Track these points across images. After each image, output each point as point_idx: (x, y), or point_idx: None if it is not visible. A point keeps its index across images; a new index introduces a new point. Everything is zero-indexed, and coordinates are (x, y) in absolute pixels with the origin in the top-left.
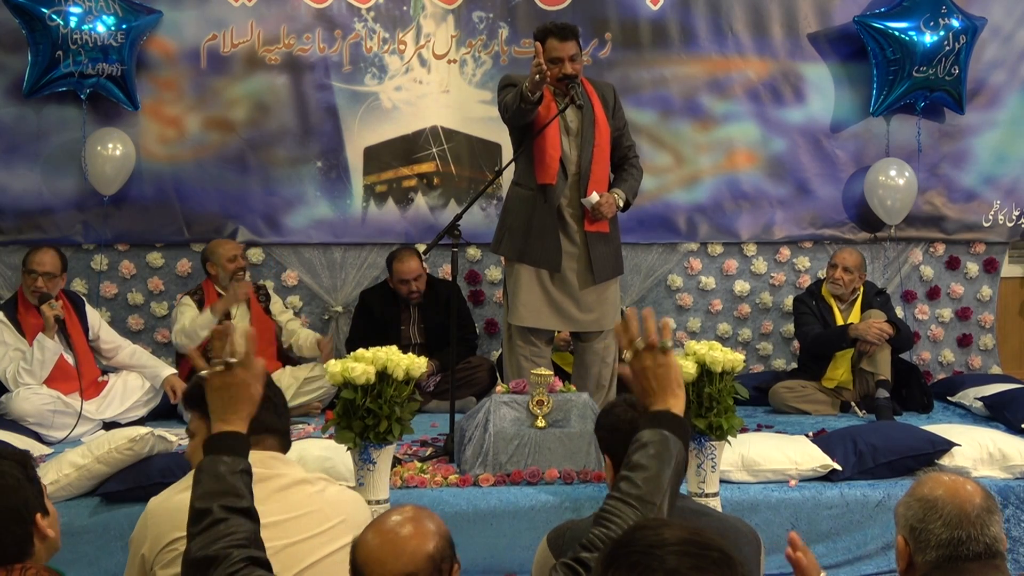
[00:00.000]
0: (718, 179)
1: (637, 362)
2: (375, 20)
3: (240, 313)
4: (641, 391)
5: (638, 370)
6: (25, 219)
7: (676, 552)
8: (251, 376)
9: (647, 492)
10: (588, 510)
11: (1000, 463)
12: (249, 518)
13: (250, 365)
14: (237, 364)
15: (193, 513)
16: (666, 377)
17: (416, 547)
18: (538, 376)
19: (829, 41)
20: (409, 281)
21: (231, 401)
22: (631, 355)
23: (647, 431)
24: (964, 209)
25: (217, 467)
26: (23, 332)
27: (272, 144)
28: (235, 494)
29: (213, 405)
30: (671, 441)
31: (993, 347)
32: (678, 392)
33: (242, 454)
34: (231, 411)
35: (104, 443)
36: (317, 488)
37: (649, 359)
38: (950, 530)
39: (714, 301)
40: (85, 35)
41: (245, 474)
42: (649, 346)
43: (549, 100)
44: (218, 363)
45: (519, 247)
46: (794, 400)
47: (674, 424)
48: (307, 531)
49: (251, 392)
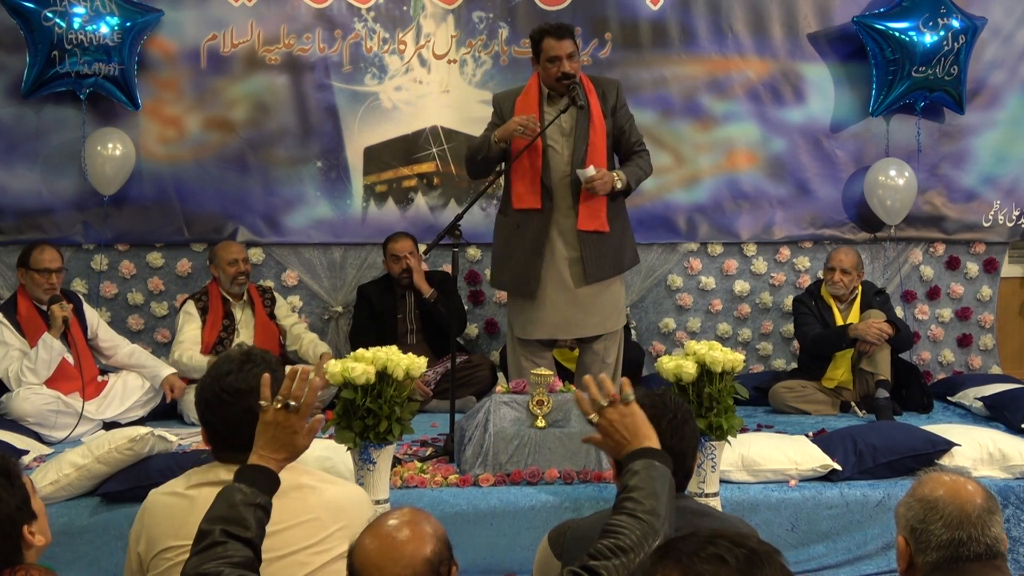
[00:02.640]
0: (718, 179)
1: (604, 420)
2: (375, 20)
3: (244, 317)
4: (615, 445)
5: (606, 426)
6: (25, 219)
7: (725, 545)
8: (302, 426)
9: (650, 507)
10: (588, 510)
11: (1000, 463)
12: (250, 548)
13: (305, 415)
14: (295, 409)
15: (198, 533)
16: (634, 424)
17: (414, 551)
18: (538, 376)
19: (829, 41)
20: (401, 258)
21: (274, 440)
22: (597, 417)
23: (634, 463)
24: (964, 209)
25: (234, 495)
26: (23, 332)
27: (272, 144)
28: (241, 524)
29: (258, 436)
30: (658, 465)
31: (993, 347)
32: (649, 434)
33: (264, 490)
34: (271, 449)
35: (104, 443)
36: (317, 492)
37: (614, 413)
38: (951, 531)
39: (714, 301)
40: (81, 35)
41: (259, 509)
42: (611, 402)
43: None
44: (280, 402)
45: (499, 276)
46: (794, 400)
47: (655, 454)
48: (302, 541)
49: (296, 441)
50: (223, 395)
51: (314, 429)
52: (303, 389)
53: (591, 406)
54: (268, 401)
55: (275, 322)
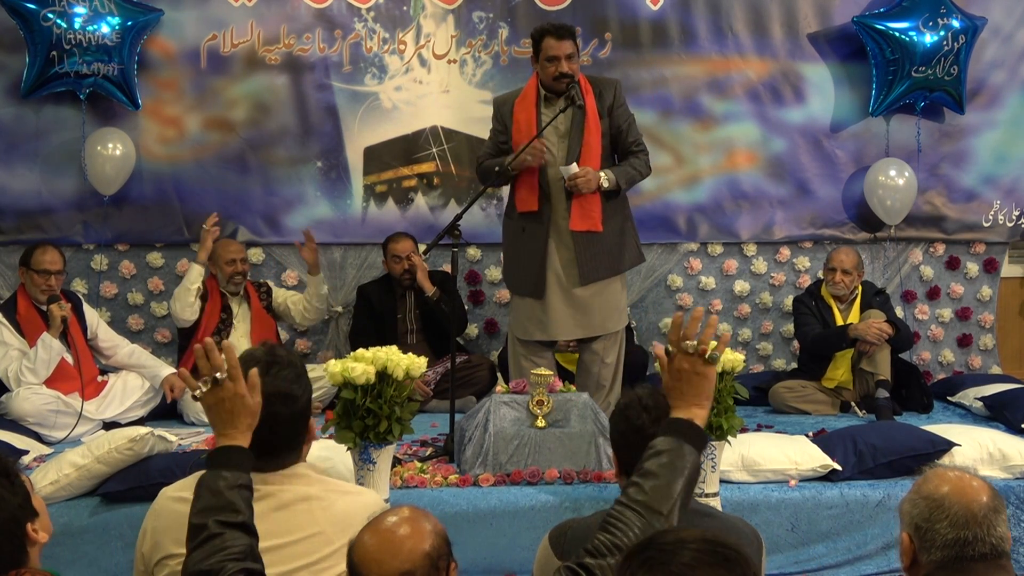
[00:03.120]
0: (718, 179)
1: (679, 361)
2: (375, 20)
3: (241, 312)
4: (671, 389)
5: (676, 370)
6: (25, 219)
7: (692, 549)
8: (243, 387)
9: (654, 500)
10: (588, 510)
11: (1000, 463)
12: (246, 532)
13: (238, 378)
14: (225, 379)
15: (190, 528)
16: (700, 386)
17: (414, 546)
18: (538, 376)
19: (829, 41)
20: (402, 259)
21: (227, 416)
22: (676, 351)
23: (663, 438)
24: (964, 209)
25: (216, 482)
26: (22, 332)
27: (272, 144)
28: (232, 509)
29: (212, 422)
30: (686, 450)
31: (993, 347)
32: (704, 404)
33: (243, 468)
34: (229, 425)
35: (104, 443)
36: (324, 504)
37: (690, 364)
38: (956, 530)
39: (714, 301)
40: (79, 35)
41: (244, 488)
42: (698, 352)
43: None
44: (206, 381)
45: (509, 279)
46: (794, 400)
47: (692, 434)
48: (305, 558)
49: (246, 404)
50: None
51: (254, 384)
52: (219, 357)
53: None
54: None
55: (272, 316)
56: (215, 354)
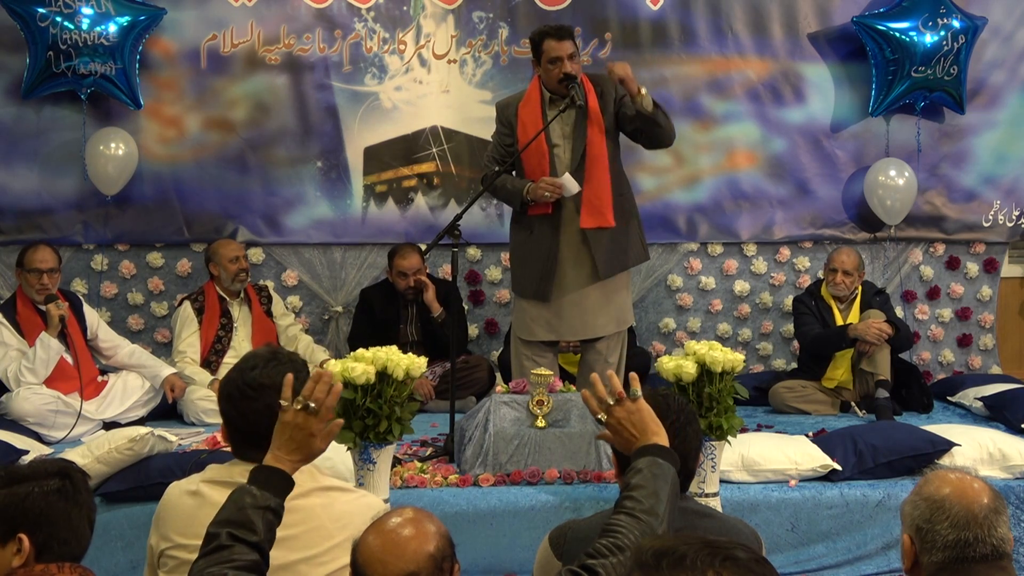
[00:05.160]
0: (718, 179)
1: (612, 417)
2: (375, 20)
3: (242, 316)
4: (624, 442)
5: (615, 424)
6: (25, 219)
7: (698, 545)
8: (320, 429)
9: (649, 506)
10: (588, 510)
11: (1000, 463)
12: (256, 551)
13: (323, 417)
14: (315, 411)
15: (205, 536)
16: (642, 421)
17: (418, 547)
18: (538, 376)
19: (829, 41)
20: (408, 276)
21: (289, 440)
22: (607, 413)
23: (639, 460)
24: (964, 209)
25: (244, 498)
26: (22, 332)
27: (272, 144)
28: (248, 528)
29: (276, 436)
30: (663, 464)
31: (993, 347)
32: (658, 430)
33: (276, 492)
34: (287, 450)
35: (104, 443)
36: (324, 501)
37: (621, 411)
38: (957, 531)
39: (714, 301)
40: (76, 35)
41: (269, 512)
42: (618, 400)
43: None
44: (299, 401)
45: (517, 283)
46: (794, 400)
47: (662, 452)
48: (305, 550)
49: (311, 443)
50: (246, 389)
51: (332, 433)
52: (325, 392)
53: (598, 405)
54: (288, 401)
55: (272, 320)
56: (324, 388)
